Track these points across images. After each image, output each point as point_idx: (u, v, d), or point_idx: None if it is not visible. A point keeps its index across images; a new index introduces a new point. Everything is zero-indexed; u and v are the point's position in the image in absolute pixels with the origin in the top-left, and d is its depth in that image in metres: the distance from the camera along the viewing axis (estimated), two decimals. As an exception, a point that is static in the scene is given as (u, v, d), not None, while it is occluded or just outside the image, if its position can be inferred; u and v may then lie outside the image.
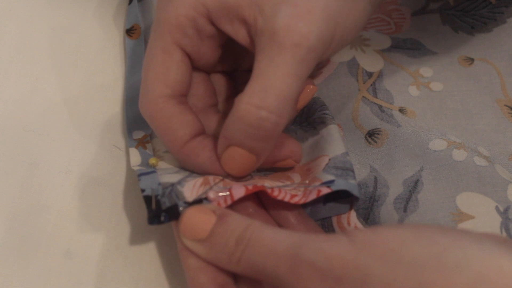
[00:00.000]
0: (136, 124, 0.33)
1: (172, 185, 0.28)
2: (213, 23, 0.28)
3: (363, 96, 0.36)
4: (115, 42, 0.39)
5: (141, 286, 0.30)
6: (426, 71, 0.38)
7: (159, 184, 0.28)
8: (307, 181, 0.29)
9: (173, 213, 0.26)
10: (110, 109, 0.36)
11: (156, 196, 0.27)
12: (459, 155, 0.33)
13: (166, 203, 0.27)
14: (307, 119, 0.33)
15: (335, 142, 0.30)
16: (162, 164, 0.31)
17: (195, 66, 0.30)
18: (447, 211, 0.31)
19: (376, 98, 0.36)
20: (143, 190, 0.28)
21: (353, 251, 0.21)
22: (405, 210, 0.31)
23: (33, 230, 0.31)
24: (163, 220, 0.26)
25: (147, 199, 0.27)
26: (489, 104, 0.37)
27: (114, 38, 0.40)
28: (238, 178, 0.29)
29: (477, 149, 0.34)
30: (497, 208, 0.31)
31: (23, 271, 0.30)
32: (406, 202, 0.32)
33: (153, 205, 0.27)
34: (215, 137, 0.29)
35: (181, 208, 0.26)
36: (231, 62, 0.32)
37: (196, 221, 0.26)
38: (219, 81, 0.33)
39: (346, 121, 0.35)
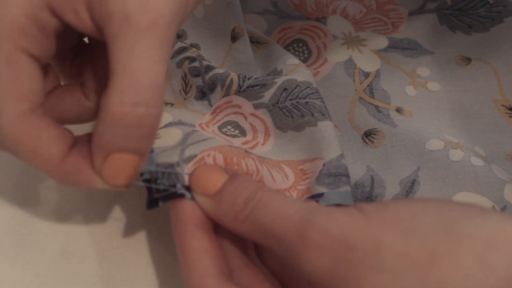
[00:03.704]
0: None
1: (172, 166, 0.27)
2: (56, 15, 0.23)
3: (360, 97, 0.36)
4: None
5: (138, 286, 0.30)
6: (423, 71, 0.38)
7: (157, 165, 0.27)
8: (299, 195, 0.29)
9: (170, 195, 0.26)
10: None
11: (156, 179, 0.26)
12: (455, 155, 0.33)
13: (165, 184, 0.26)
14: (304, 98, 0.32)
15: (332, 142, 0.30)
16: (158, 142, 0.30)
17: (42, 63, 0.25)
18: (443, 211, 0.31)
19: (373, 98, 0.36)
20: (141, 174, 0.27)
21: (364, 221, 0.21)
22: (401, 210, 0.31)
23: (29, 229, 0.31)
24: (161, 204, 0.26)
25: (146, 182, 0.27)
26: (486, 104, 0.37)
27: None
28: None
29: (474, 149, 0.34)
30: (493, 208, 0.31)
31: (19, 270, 0.30)
32: (403, 202, 0.32)
33: (154, 193, 0.26)
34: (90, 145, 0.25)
35: (179, 191, 0.26)
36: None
37: (208, 176, 0.25)
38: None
39: (343, 122, 0.35)
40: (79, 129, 0.35)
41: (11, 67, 0.23)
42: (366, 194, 0.32)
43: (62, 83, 0.28)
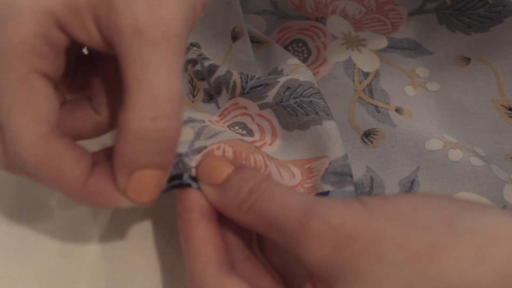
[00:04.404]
0: None
1: (180, 155, 0.27)
2: (64, 31, 0.23)
3: (359, 97, 0.36)
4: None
5: (137, 286, 0.30)
6: (422, 71, 0.38)
7: None
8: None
9: (177, 183, 0.26)
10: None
11: None
12: (455, 155, 0.33)
13: (172, 172, 0.26)
14: (308, 97, 0.32)
15: (337, 142, 0.30)
16: None
17: (54, 82, 0.24)
18: (443, 211, 0.31)
19: (372, 98, 0.36)
20: None
21: (366, 213, 0.21)
22: (401, 210, 0.31)
23: (28, 229, 0.31)
24: (165, 189, 0.26)
25: None
26: (485, 104, 0.37)
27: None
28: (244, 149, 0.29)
29: (474, 149, 0.34)
30: (493, 208, 0.31)
31: (18, 270, 0.30)
32: (402, 202, 0.32)
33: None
34: (110, 162, 0.25)
35: (185, 181, 0.26)
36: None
37: (214, 166, 0.26)
38: None
39: (342, 122, 0.35)
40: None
41: (27, 89, 0.22)
42: (365, 194, 0.32)
43: (67, 99, 0.28)
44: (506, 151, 0.35)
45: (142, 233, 0.32)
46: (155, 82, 0.22)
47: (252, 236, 0.27)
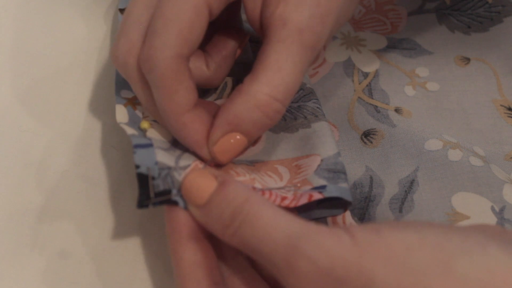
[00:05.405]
0: (127, 84, 0.30)
1: (169, 168, 0.27)
2: None
3: (359, 97, 0.36)
4: (110, 43, 0.39)
5: (136, 286, 0.30)
6: (422, 71, 0.38)
7: (156, 163, 0.27)
8: (298, 184, 0.29)
9: (165, 198, 0.26)
10: (107, 110, 0.36)
11: (153, 178, 0.26)
12: (454, 155, 0.33)
13: (160, 186, 0.26)
14: (297, 101, 0.32)
15: (328, 141, 0.30)
16: (151, 132, 0.29)
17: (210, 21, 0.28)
18: (442, 211, 0.31)
19: (372, 98, 0.36)
20: (137, 166, 0.26)
21: (356, 253, 0.21)
22: (400, 211, 0.31)
23: (28, 229, 0.31)
24: (151, 207, 0.26)
25: (141, 178, 0.26)
26: (485, 104, 0.37)
27: (108, 38, 0.40)
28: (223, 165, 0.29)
29: (473, 149, 0.34)
30: (492, 208, 0.31)
31: (18, 270, 0.30)
32: (402, 202, 0.32)
33: (151, 193, 0.26)
34: (208, 112, 0.28)
35: (174, 196, 0.26)
36: None
37: (197, 185, 0.25)
38: None
39: (342, 122, 0.35)
40: (86, 126, 0.35)
41: (195, 14, 0.26)
42: (365, 194, 0.32)
43: None
44: (505, 151, 0.35)
45: (141, 235, 0.32)
46: (290, 75, 0.26)
47: None
